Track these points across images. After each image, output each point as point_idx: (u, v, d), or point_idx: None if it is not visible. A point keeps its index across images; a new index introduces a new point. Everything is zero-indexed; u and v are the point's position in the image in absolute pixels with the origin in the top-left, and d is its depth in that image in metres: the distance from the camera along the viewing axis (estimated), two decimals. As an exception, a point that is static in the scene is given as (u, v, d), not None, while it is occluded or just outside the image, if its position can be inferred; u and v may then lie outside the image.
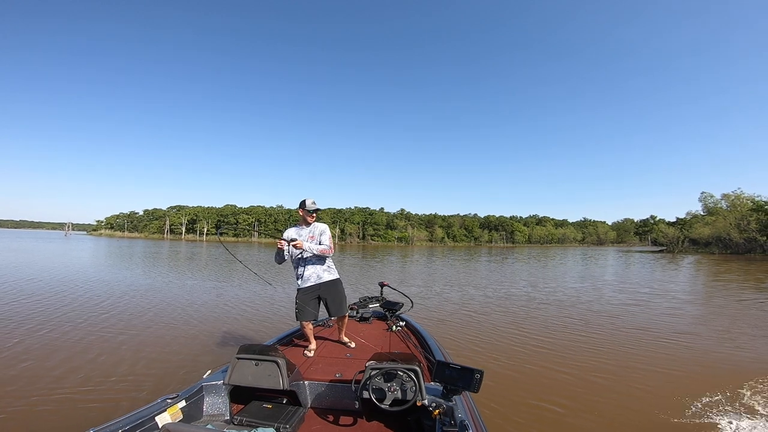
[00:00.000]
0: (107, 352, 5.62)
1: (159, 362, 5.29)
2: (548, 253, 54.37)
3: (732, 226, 51.02)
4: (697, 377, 5.14)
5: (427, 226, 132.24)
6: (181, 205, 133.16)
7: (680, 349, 6.35)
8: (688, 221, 71.85)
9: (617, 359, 5.83)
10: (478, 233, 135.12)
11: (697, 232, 59.45)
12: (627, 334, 7.37)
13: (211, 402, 2.66)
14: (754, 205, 51.88)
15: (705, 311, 10.12)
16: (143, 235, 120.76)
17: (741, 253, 48.02)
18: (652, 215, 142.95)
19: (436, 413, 2.27)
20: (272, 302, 10.04)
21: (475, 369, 2.38)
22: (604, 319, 8.70)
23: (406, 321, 4.71)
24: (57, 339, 6.21)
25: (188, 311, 8.71)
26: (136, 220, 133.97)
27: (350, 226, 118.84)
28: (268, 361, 2.59)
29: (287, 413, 2.56)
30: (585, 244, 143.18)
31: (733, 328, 7.94)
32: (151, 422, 2.18)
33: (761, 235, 46.76)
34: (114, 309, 8.66)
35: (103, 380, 4.58)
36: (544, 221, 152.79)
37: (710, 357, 5.99)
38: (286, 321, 7.82)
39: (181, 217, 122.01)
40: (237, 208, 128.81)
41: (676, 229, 67.09)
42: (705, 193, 65.39)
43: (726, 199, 58.52)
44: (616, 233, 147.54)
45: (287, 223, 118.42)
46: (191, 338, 6.53)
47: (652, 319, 8.64)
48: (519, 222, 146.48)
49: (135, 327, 7.15)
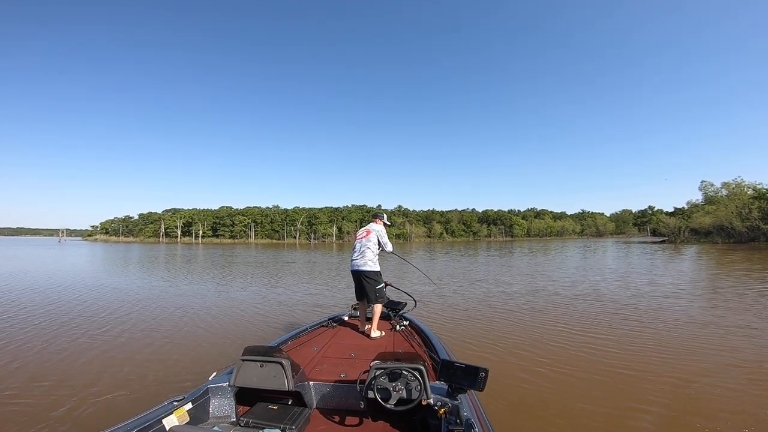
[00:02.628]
0: (112, 356, 5.65)
1: (164, 365, 5.30)
2: (551, 246, 53.91)
3: (733, 214, 50.44)
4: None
5: (425, 222, 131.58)
6: (177, 208, 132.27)
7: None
8: (687, 211, 71.40)
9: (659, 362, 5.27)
10: (476, 228, 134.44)
11: (697, 221, 58.81)
12: (656, 330, 6.85)
13: (217, 404, 2.67)
14: (756, 192, 51.36)
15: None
16: (139, 239, 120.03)
17: (744, 241, 47.45)
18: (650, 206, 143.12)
19: (442, 412, 2.27)
20: (276, 304, 9.94)
21: (480, 367, 2.35)
22: (631, 316, 8.04)
23: (409, 320, 4.74)
24: (61, 343, 6.25)
25: (192, 314, 8.68)
26: (131, 224, 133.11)
27: (348, 225, 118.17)
28: (273, 363, 2.59)
29: (293, 414, 2.56)
30: (584, 236, 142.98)
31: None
32: (159, 425, 2.17)
33: (764, 222, 46.17)
34: (116, 313, 8.68)
35: (109, 383, 4.60)
36: (542, 214, 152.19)
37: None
38: (291, 322, 7.83)
39: (176, 220, 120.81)
40: (233, 209, 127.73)
41: (677, 219, 66.58)
42: (705, 182, 64.75)
43: (726, 188, 57.98)
44: (615, 224, 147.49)
45: (284, 224, 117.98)
46: (196, 341, 6.54)
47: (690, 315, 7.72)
48: (517, 216, 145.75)
49: (139, 331, 7.16)
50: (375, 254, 4.73)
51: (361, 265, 4.65)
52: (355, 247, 4.78)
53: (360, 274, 4.67)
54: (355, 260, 4.72)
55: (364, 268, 4.63)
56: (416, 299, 5.72)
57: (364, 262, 4.64)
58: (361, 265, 4.65)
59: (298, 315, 8.60)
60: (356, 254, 4.73)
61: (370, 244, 4.69)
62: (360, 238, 4.79)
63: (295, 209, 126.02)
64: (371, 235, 4.73)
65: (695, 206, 68.01)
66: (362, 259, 4.66)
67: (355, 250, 4.76)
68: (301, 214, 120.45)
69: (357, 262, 4.69)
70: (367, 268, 4.62)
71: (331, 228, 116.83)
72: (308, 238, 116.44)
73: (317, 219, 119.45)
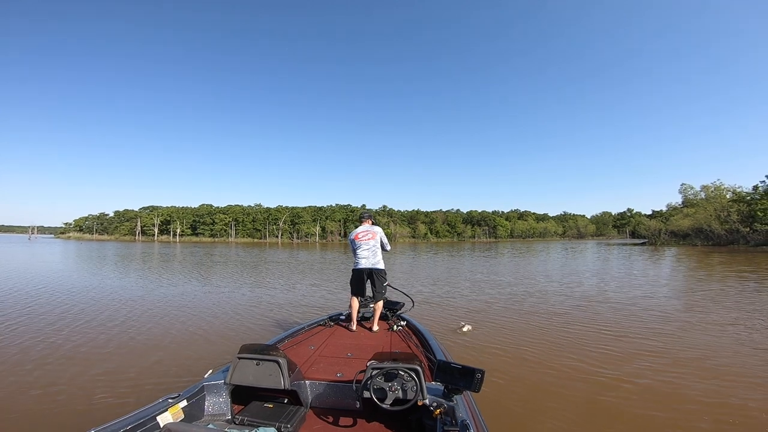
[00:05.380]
0: (107, 354, 5.60)
1: (159, 362, 5.25)
2: (534, 247, 54.10)
3: (712, 217, 51.43)
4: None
5: (409, 223, 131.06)
6: (155, 206, 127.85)
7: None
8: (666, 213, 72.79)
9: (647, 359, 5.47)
10: (461, 229, 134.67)
11: (676, 224, 59.80)
12: (650, 330, 6.94)
13: (213, 401, 2.65)
14: (735, 195, 52.52)
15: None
16: (113, 237, 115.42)
17: (723, 244, 48.42)
18: (628, 208, 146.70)
19: (437, 413, 2.26)
20: (273, 303, 9.83)
21: (477, 369, 2.33)
22: (620, 315, 8.27)
23: (407, 320, 4.78)
24: (57, 341, 6.16)
25: (188, 312, 8.57)
26: (106, 221, 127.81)
27: (331, 224, 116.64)
28: (269, 361, 2.57)
29: (288, 413, 2.55)
30: (566, 237, 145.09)
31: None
32: (153, 422, 2.16)
33: (743, 225, 47.12)
34: (109, 312, 8.50)
35: (104, 380, 4.56)
36: (525, 215, 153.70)
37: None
38: (288, 321, 7.77)
39: (153, 218, 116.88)
40: (213, 207, 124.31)
41: (658, 221, 67.72)
42: (685, 185, 65.67)
43: (705, 191, 59.11)
44: (596, 226, 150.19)
45: (266, 223, 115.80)
46: (191, 338, 6.47)
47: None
48: (501, 217, 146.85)
49: (134, 329, 7.04)
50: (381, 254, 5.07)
51: (376, 263, 4.92)
52: (361, 246, 4.96)
53: (373, 272, 4.92)
54: (367, 258, 4.93)
55: (378, 266, 4.93)
56: (414, 300, 5.72)
57: (377, 260, 4.94)
58: (376, 263, 4.92)
59: (297, 314, 8.45)
60: (367, 253, 4.93)
61: (378, 244, 5.01)
62: (367, 239, 4.99)
63: (278, 208, 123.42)
64: (377, 236, 5.02)
65: (674, 209, 69.15)
66: (375, 258, 4.93)
67: (363, 248, 4.94)
68: (284, 213, 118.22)
69: (371, 260, 4.92)
70: (380, 266, 4.94)
71: (314, 227, 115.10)
72: (291, 237, 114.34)
73: (300, 218, 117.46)
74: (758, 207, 45.84)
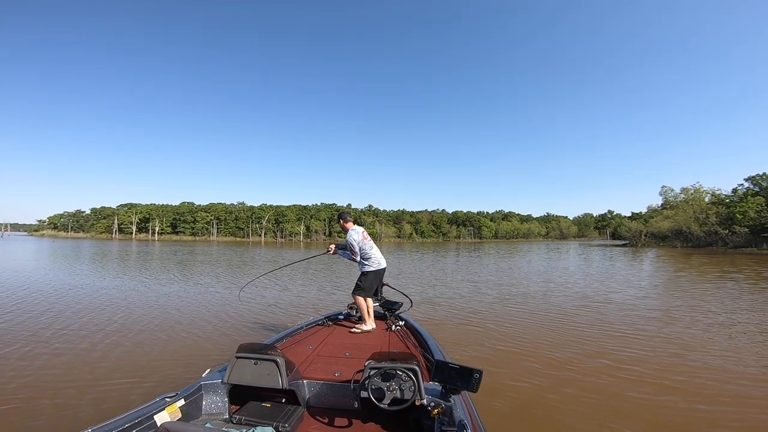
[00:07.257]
0: (106, 353, 5.54)
1: (157, 362, 5.20)
2: (519, 248, 54.39)
3: (692, 219, 52.61)
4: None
5: (395, 222, 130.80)
6: (133, 203, 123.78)
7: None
8: (646, 215, 74.30)
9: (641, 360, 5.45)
10: (446, 229, 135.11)
11: (655, 225, 61.01)
12: (647, 333, 6.81)
13: (210, 401, 2.64)
14: (714, 198, 53.84)
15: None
16: (89, 234, 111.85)
17: (702, 246, 49.56)
18: (609, 210, 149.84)
19: (435, 413, 2.25)
20: (271, 302, 9.74)
21: (474, 369, 2.32)
22: (619, 317, 8.12)
23: (405, 320, 4.74)
24: (55, 341, 6.08)
25: (184, 311, 8.50)
26: (82, 219, 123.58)
27: (316, 223, 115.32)
28: (267, 360, 2.57)
29: (286, 412, 2.54)
30: (549, 238, 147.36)
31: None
32: (150, 421, 2.15)
33: (722, 228, 48.26)
34: (106, 311, 8.38)
35: (102, 379, 4.51)
36: (509, 216, 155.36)
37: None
38: (285, 320, 7.72)
39: (131, 216, 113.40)
40: (195, 205, 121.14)
41: (639, 223, 69.05)
42: (665, 187, 66.99)
43: (685, 193, 60.46)
44: (578, 228, 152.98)
45: (249, 221, 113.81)
46: (189, 338, 6.40)
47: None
48: (486, 217, 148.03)
49: (131, 328, 6.96)
50: None
51: (384, 263, 4.93)
52: (372, 246, 4.89)
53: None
54: (382, 259, 4.90)
55: (385, 265, 4.97)
56: (412, 300, 5.64)
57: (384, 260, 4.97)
58: (384, 264, 4.93)
59: (294, 313, 8.40)
60: (378, 253, 4.89)
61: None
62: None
63: (262, 206, 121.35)
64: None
65: (654, 211, 70.62)
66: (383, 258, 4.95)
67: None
68: (268, 212, 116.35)
69: (383, 260, 4.91)
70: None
71: (299, 226, 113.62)
72: (275, 236, 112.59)
73: (284, 217, 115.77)
74: (737, 210, 47.03)
